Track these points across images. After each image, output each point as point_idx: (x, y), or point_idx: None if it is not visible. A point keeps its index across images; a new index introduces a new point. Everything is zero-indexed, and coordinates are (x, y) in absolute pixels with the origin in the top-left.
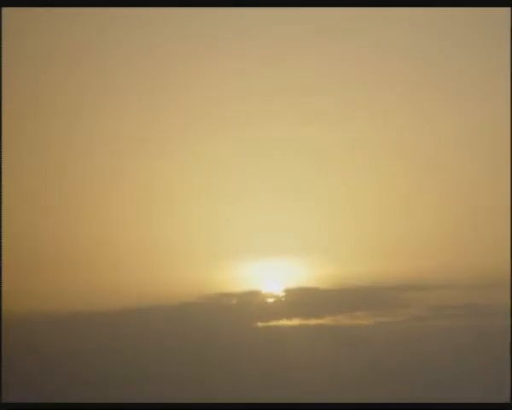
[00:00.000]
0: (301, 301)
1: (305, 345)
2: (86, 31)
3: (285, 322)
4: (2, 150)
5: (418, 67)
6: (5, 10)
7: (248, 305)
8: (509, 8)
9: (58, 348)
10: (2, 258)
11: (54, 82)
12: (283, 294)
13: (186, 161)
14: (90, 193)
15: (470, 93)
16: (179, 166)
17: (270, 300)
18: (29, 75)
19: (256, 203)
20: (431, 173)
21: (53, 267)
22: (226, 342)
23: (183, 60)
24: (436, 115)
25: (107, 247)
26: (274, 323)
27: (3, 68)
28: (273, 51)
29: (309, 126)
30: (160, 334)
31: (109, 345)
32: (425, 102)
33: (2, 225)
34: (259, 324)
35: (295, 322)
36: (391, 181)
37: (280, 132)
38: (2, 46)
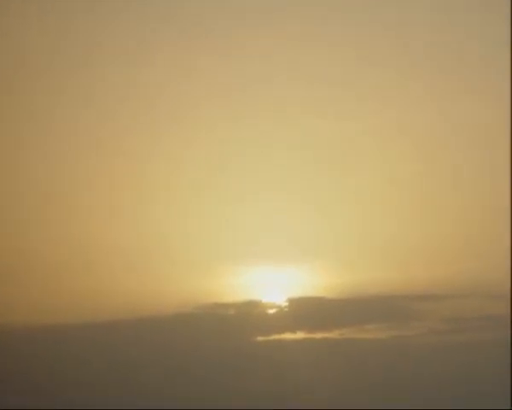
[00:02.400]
0: (306, 312)
1: (310, 361)
2: (70, 20)
3: (288, 335)
4: None
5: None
6: None
7: (247, 316)
8: None
9: (38, 363)
10: None
11: (39, 76)
12: (286, 304)
13: (180, 159)
14: (73, 192)
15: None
16: (173, 165)
17: (272, 311)
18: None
19: (256, 204)
20: (449, 173)
21: (32, 274)
22: (223, 357)
23: (178, 49)
24: (453, 107)
25: (92, 251)
26: (276, 336)
27: None
28: (273, 38)
29: (314, 119)
30: (150, 348)
31: (94, 361)
32: (438, 93)
33: None
34: (260, 337)
35: (299, 335)
36: (404, 181)
37: (282, 127)
38: None
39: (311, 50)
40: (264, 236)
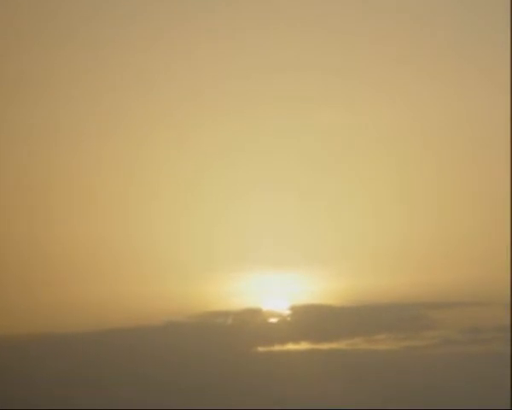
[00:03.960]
0: (311, 321)
1: (315, 374)
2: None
3: (291, 346)
4: None
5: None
6: None
7: (247, 326)
8: None
9: (22, 373)
10: None
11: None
12: (289, 312)
13: (173, 156)
14: (59, 194)
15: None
16: (165, 163)
17: (273, 319)
18: None
19: (256, 204)
20: (468, 168)
21: (18, 282)
22: (220, 370)
23: (171, 36)
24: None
25: (80, 257)
26: (278, 348)
27: None
28: (273, 24)
29: (318, 111)
30: (142, 360)
31: (81, 374)
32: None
33: None
34: (260, 348)
35: (304, 346)
36: (418, 178)
37: (284, 124)
38: None
39: (316, 41)
40: (265, 238)
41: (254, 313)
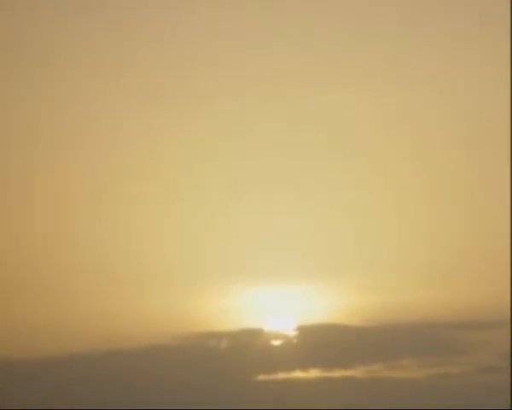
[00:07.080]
0: (321, 343)
1: (326, 406)
2: None
3: (298, 374)
4: None
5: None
6: None
7: (245, 349)
8: None
9: None
10: None
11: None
12: (295, 333)
13: (161, 152)
14: (26, 193)
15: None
16: (150, 161)
17: (277, 342)
18: None
19: (255, 206)
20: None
21: None
22: (214, 402)
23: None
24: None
25: (46, 267)
26: (282, 375)
27: None
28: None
29: (331, 93)
30: (119, 388)
31: (50, 402)
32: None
33: None
34: (261, 377)
35: (313, 374)
36: (447, 177)
37: (287, 107)
38: None
39: (318, 13)
40: (267, 245)
41: (254, 334)
